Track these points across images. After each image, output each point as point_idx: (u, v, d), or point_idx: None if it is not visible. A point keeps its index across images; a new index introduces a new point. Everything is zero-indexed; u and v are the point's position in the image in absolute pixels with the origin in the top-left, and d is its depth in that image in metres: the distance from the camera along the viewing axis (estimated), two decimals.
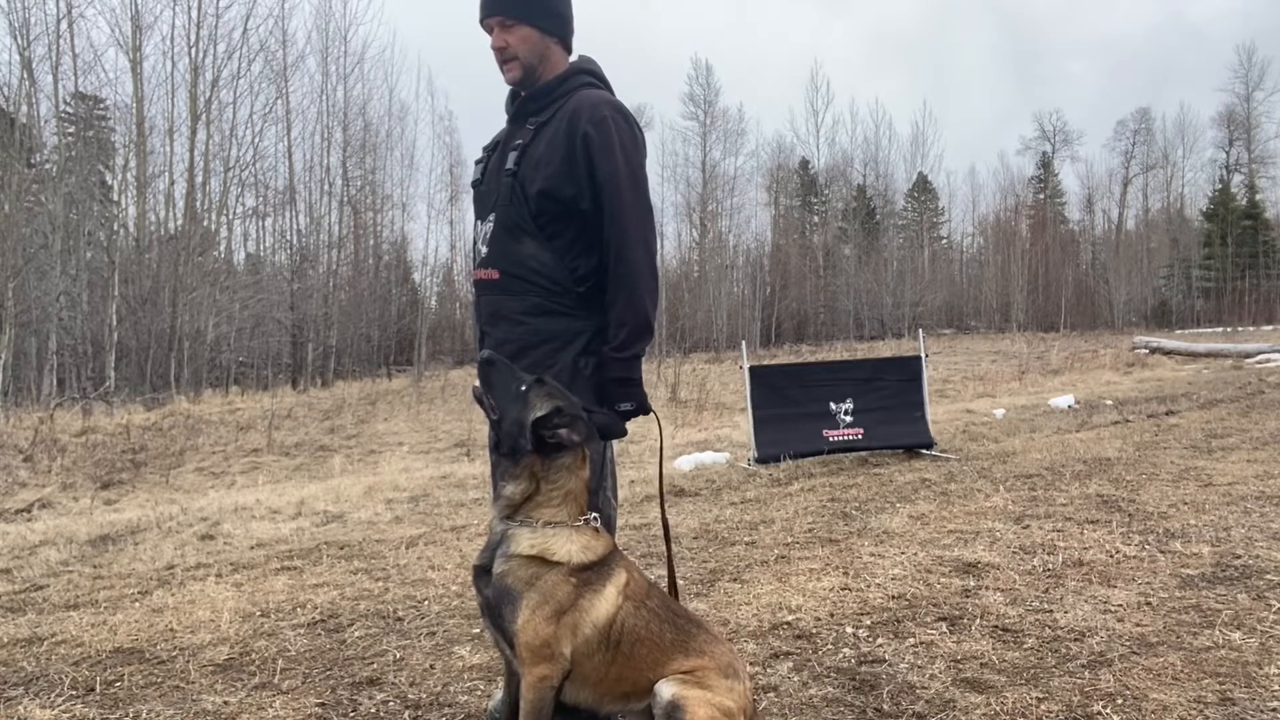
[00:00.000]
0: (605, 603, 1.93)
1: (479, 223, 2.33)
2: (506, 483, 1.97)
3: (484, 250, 2.28)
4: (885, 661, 2.75)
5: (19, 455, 10.93)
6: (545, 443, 1.93)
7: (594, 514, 2.01)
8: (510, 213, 2.22)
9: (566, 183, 2.17)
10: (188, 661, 3.06)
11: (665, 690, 1.90)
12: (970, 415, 10.46)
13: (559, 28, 2.32)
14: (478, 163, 2.43)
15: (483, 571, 1.98)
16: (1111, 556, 3.79)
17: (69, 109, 29.25)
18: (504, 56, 2.27)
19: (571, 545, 1.93)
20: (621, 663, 1.94)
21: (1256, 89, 49.66)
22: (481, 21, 2.31)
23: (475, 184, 2.41)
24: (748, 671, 2.07)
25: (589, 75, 2.33)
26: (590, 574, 1.93)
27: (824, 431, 7.48)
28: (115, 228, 27.72)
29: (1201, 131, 52.38)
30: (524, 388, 1.94)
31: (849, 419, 7.54)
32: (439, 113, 69.17)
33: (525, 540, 1.92)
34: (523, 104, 2.30)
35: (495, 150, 2.37)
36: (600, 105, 2.21)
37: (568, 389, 2.01)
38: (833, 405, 7.54)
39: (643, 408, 2.20)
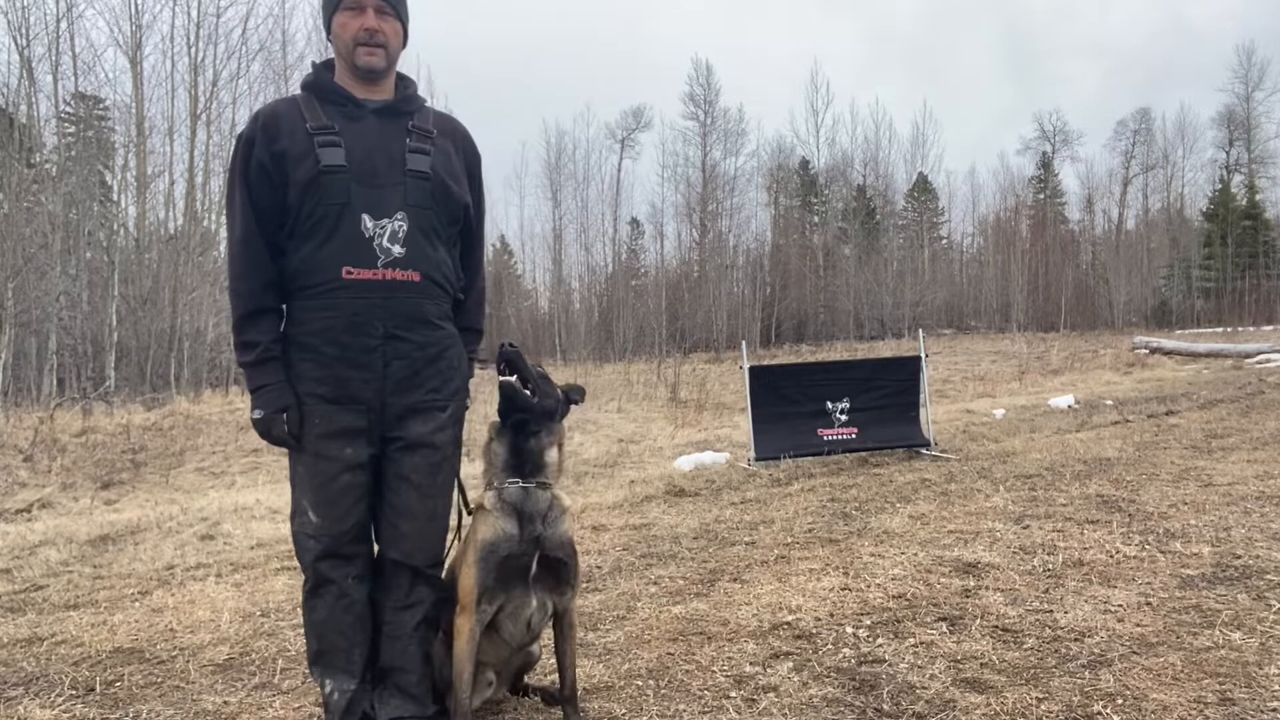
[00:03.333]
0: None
1: (367, 218, 2.15)
2: (547, 450, 2.26)
3: (397, 250, 2.17)
4: (885, 661, 2.75)
5: (19, 455, 10.92)
6: (567, 407, 2.34)
7: None
8: (428, 217, 2.23)
9: (466, 205, 2.36)
10: (188, 661, 3.06)
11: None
12: (970, 415, 10.46)
13: (407, 39, 2.36)
14: (328, 144, 2.15)
15: (535, 539, 2.21)
16: (1111, 556, 3.79)
17: (69, 109, 29.25)
18: (374, 41, 2.20)
19: (569, 499, 2.39)
20: None
21: (1256, 89, 49.63)
22: (346, 2, 2.20)
23: (338, 169, 2.14)
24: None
25: None
26: None
27: (819, 430, 7.51)
28: (115, 228, 27.71)
29: (1201, 131, 52.26)
30: (541, 370, 2.28)
31: (844, 418, 7.56)
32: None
33: (565, 498, 2.32)
34: (399, 104, 2.28)
35: (341, 135, 2.17)
36: (469, 133, 2.43)
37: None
38: (829, 404, 7.57)
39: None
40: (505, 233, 52.68)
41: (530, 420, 2.23)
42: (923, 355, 8.06)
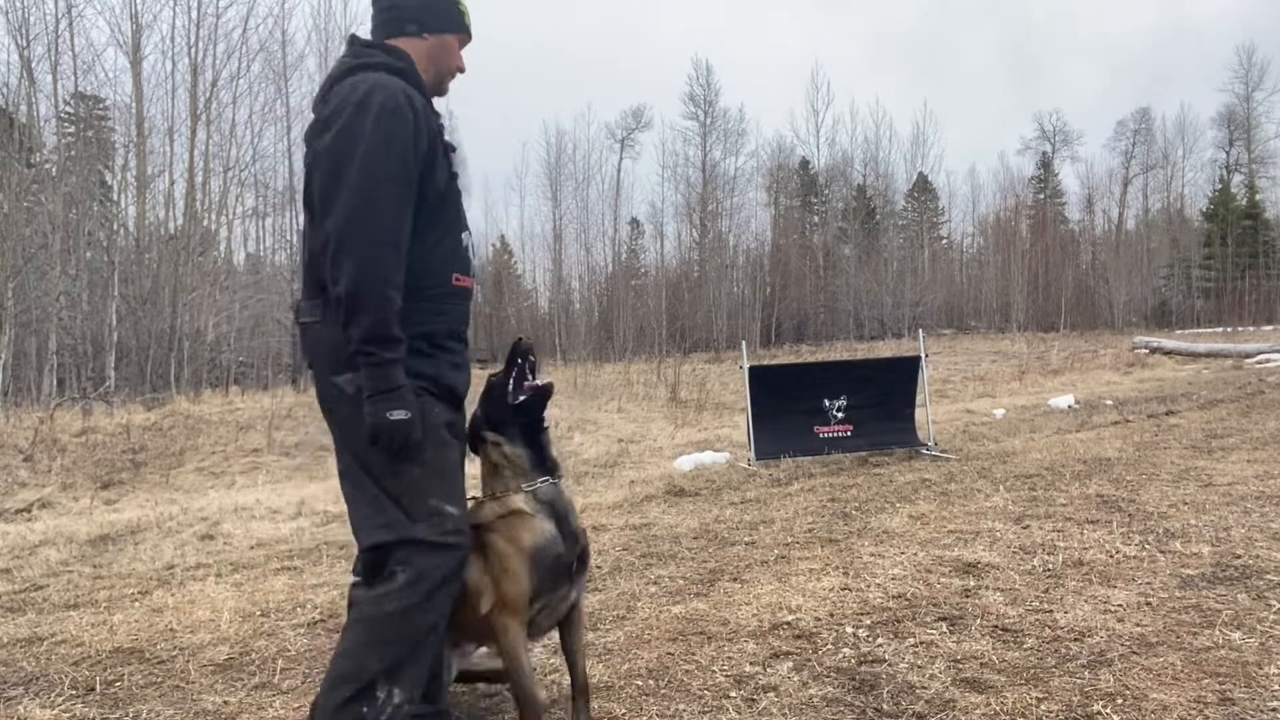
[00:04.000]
0: None
1: (464, 233, 2.20)
2: (549, 443, 2.28)
3: (473, 261, 2.23)
4: (885, 661, 2.75)
5: (19, 455, 10.92)
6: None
7: None
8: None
9: None
10: (188, 661, 3.06)
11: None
12: (970, 415, 10.46)
13: None
14: (451, 150, 2.15)
15: (570, 534, 2.23)
16: (1111, 556, 3.79)
17: (69, 109, 29.25)
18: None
19: None
20: None
21: (1256, 89, 49.64)
22: (468, 41, 2.27)
23: (456, 179, 2.17)
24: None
25: None
26: None
27: (816, 428, 7.53)
28: (115, 228, 27.70)
29: (1201, 131, 52.25)
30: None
31: (840, 415, 7.59)
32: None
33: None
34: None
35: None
36: None
37: None
38: (826, 402, 7.59)
39: None
40: (505, 232, 52.71)
41: (542, 417, 2.26)
42: (922, 355, 8.06)
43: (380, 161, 1.91)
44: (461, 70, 2.25)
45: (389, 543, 1.99)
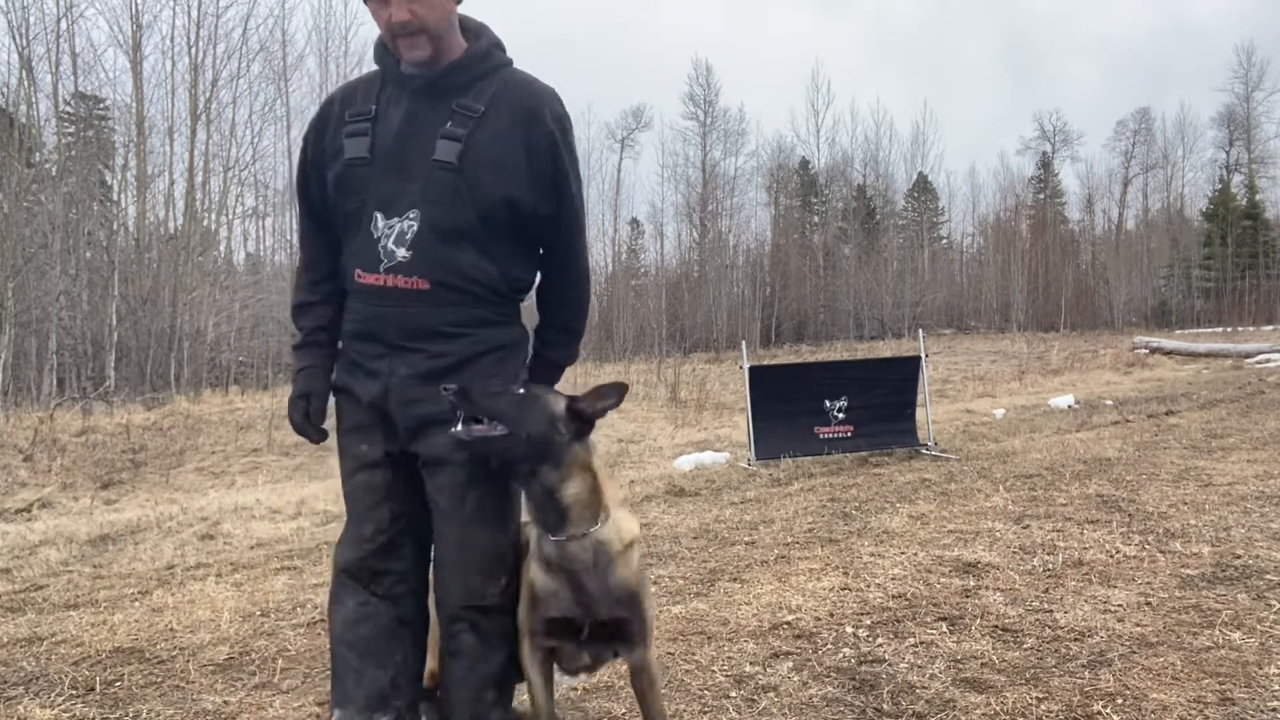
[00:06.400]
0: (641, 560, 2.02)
1: (380, 215, 1.89)
2: (564, 486, 1.84)
3: (402, 254, 1.88)
4: (885, 661, 2.75)
5: (19, 455, 10.92)
6: (586, 423, 1.88)
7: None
8: (450, 215, 1.87)
9: (530, 189, 1.92)
10: (188, 661, 3.06)
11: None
12: (970, 415, 10.46)
13: None
14: (356, 133, 1.92)
15: (573, 617, 1.88)
16: (1111, 556, 3.79)
17: (69, 109, 29.24)
18: (408, 30, 1.82)
19: (633, 521, 2.00)
20: None
21: (1256, 89, 49.61)
22: None
23: (359, 162, 1.91)
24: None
25: (501, 49, 2.01)
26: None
27: (816, 429, 7.53)
28: (115, 227, 27.71)
29: (1201, 131, 52.22)
30: (520, 390, 1.88)
31: (840, 415, 7.59)
32: None
33: (615, 535, 1.90)
34: (441, 78, 1.90)
35: (375, 119, 1.93)
36: (553, 99, 1.96)
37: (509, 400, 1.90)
38: (827, 403, 7.59)
39: None
40: None
41: (516, 463, 1.85)
42: (923, 355, 8.06)
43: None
44: (398, 22, 1.81)
45: None
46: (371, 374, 1.95)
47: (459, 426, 1.79)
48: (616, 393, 1.90)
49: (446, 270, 1.88)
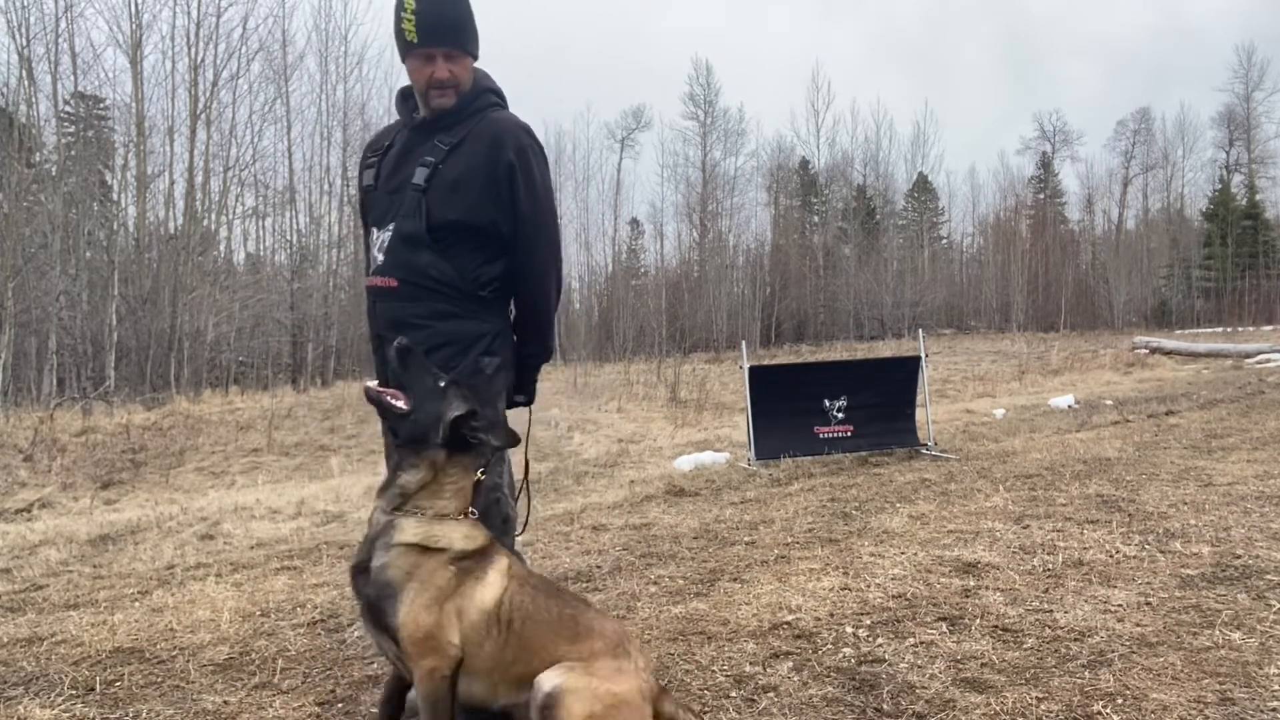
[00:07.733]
0: (489, 587, 1.96)
1: (375, 230, 2.38)
2: (404, 472, 2.00)
3: (380, 259, 2.34)
4: (885, 661, 2.75)
5: (19, 455, 10.92)
6: (462, 440, 2.00)
7: (473, 510, 2.07)
8: (409, 225, 2.28)
9: (485, 210, 2.29)
10: (188, 661, 3.06)
11: (546, 682, 1.82)
12: (970, 415, 10.46)
13: (478, 55, 2.39)
14: (368, 167, 2.47)
15: (360, 570, 1.98)
16: (1111, 556, 3.79)
17: (69, 109, 29.25)
18: (444, 86, 2.27)
19: (454, 534, 1.98)
20: (515, 645, 1.94)
21: (1256, 89, 49.65)
22: (416, 51, 2.24)
23: (369, 189, 2.44)
24: (639, 647, 2.05)
25: (494, 94, 2.42)
26: (470, 561, 1.97)
27: (815, 428, 7.53)
28: (115, 227, 27.71)
29: (1201, 131, 52.26)
30: (441, 384, 2.01)
31: (840, 415, 7.59)
32: None
33: (410, 529, 1.95)
34: (435, 120, 2.33)
35: (385, 154, 2.42)
36: (518, 132, 2.32)
37: (469, 387, 2.10)
38: (826, 402, 7.59)
39: (530, 400, 2.54)
40: None
41: (394, 431, 2.05)
42: (922, 355, 8.06)
43: None
44: (438, 79, 2.27)
45: None
46: (381, 360, 2.33)
47: (374, 383, 2.06)
48: (503, 436, 2.10)
49: (409, 270, 2.28)
